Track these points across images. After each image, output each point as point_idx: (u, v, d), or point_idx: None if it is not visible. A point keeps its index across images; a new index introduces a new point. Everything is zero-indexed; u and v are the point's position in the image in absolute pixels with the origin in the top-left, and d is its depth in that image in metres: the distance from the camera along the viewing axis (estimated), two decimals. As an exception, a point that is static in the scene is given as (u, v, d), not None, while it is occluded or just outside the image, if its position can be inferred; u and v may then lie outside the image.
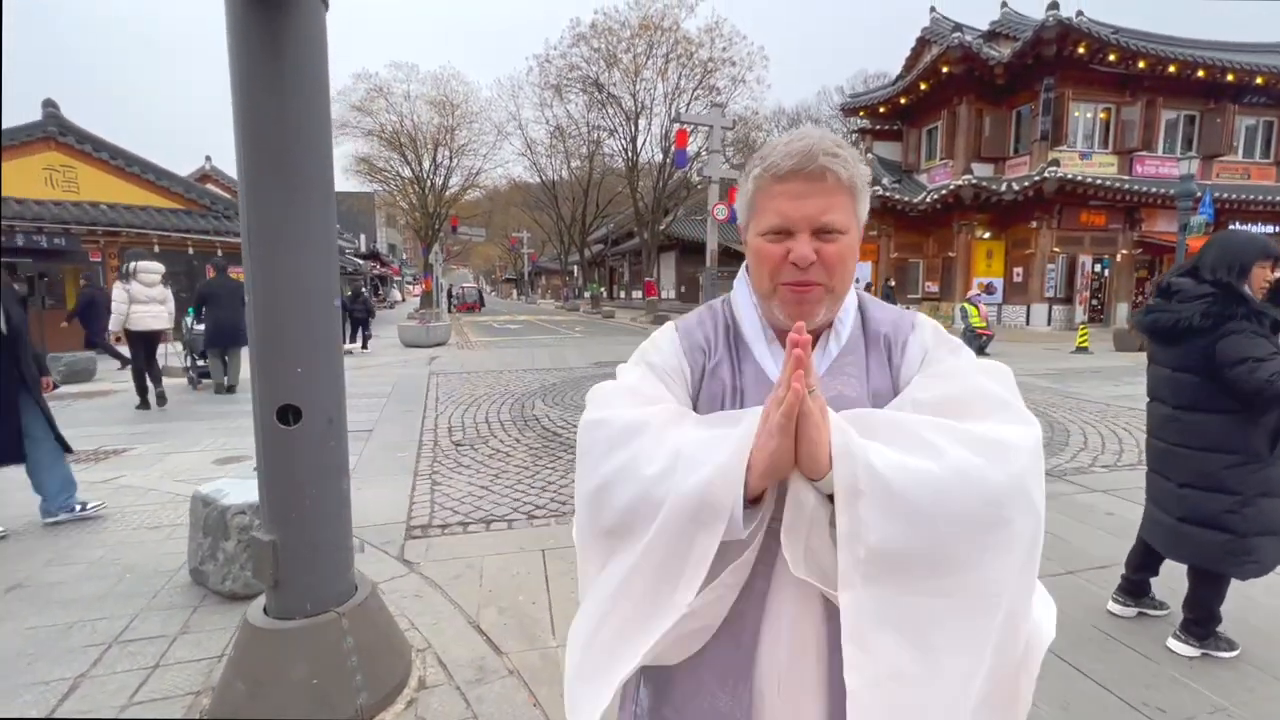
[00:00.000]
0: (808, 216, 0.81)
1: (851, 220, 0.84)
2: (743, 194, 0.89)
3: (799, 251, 0.81)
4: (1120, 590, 2.66)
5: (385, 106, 27.74)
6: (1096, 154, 17.71)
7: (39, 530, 3.51)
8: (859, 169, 0.84)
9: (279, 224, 1.90)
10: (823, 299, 0.85)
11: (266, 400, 1.93)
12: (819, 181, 0.81)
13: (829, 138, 0.83)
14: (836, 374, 0.89)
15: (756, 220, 0.86)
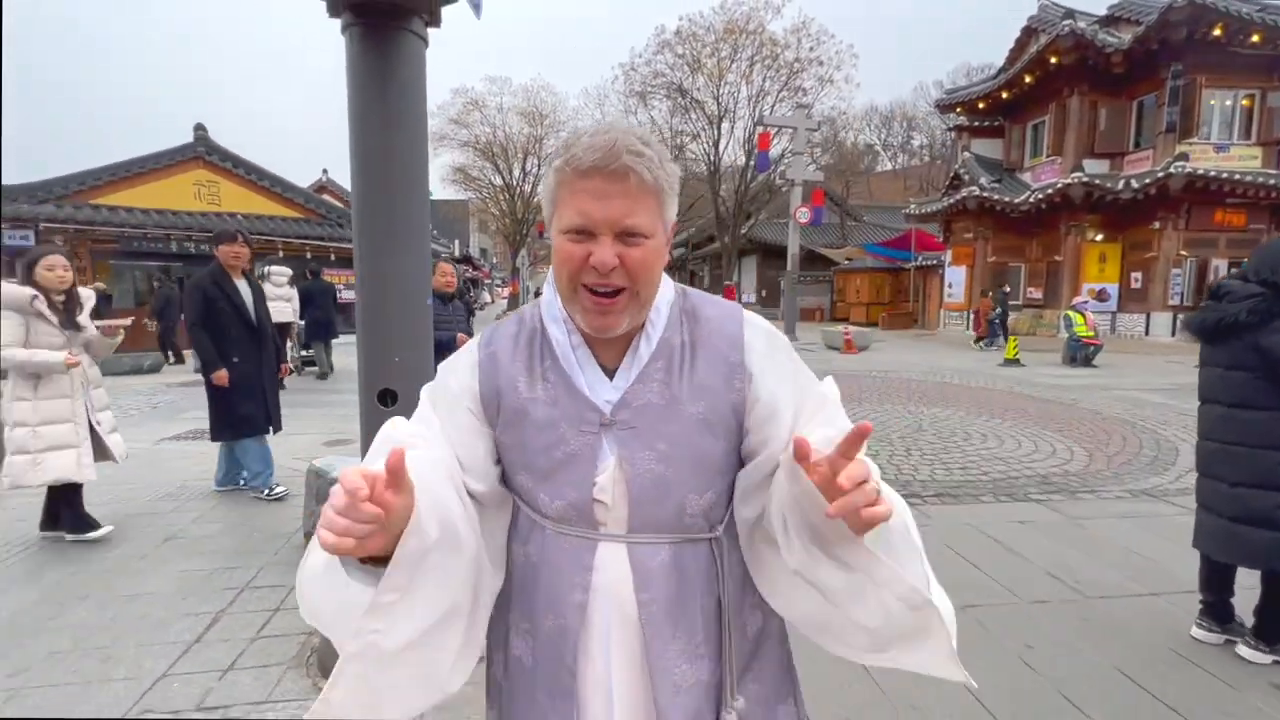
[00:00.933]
0: (610, 219, 0.75)
1: (658, 224, 0.78)
2: (545, 185, 0.82)
3: (600, 256, 0.75)
4: (1203, 615, 2.51)
5: (480, 119, 29.36)
6: (1236, 145, 15.87)
7: (190, 493, 4.13)
8: (666, 169, 0.78)
9: (383, 233, 2.21)
10: (627, 307, 0.79)
11: (369, 384, 2.25)
12: (622, 181, 0.74)
13: (635, 133, 0.77)
14: (644, 380, 0.83)
15: (558, 216, 0.79)
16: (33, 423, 3.17)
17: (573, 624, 0.82)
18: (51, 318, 3.18)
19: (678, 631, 0.82)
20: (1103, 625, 2.60)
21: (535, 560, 0.85)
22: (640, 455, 0.81)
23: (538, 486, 0.84)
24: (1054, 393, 8.63)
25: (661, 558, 0.82)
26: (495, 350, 0.88)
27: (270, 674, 2.22)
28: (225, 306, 3.92)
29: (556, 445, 0.82)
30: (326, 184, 30.83)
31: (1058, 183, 16.51)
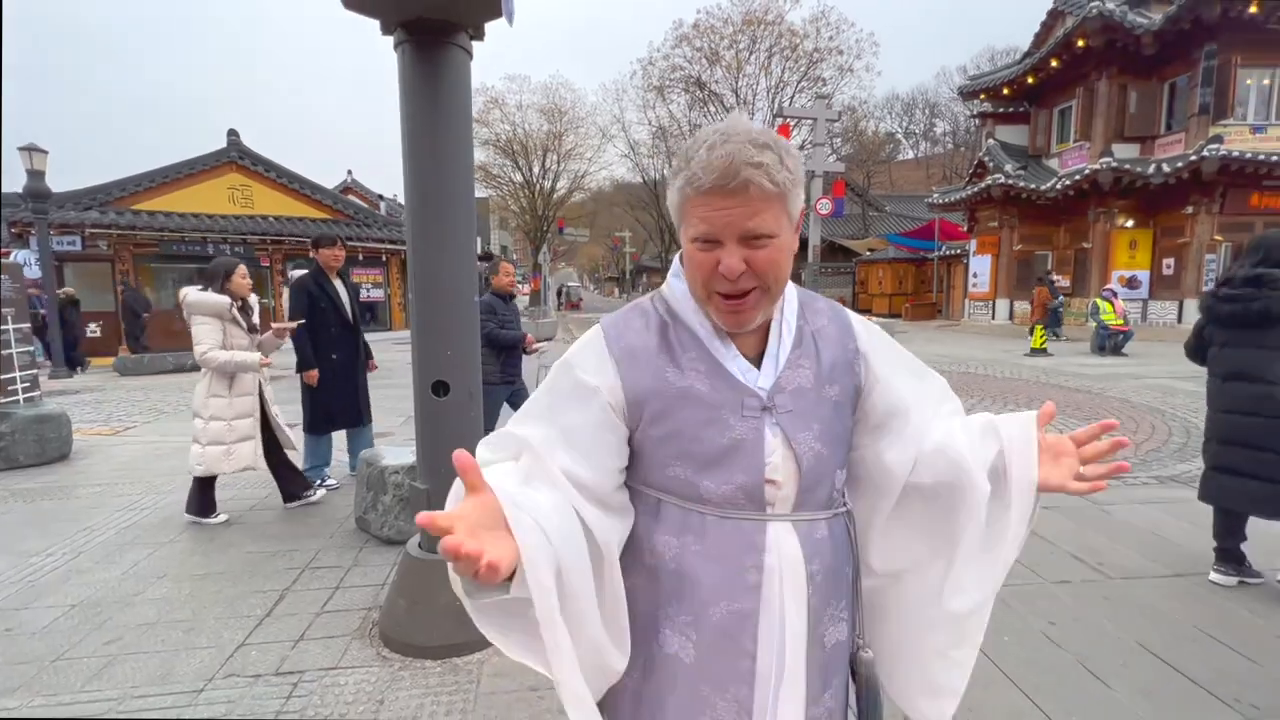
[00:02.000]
0: (732, 224, 0.77)
1: (782, 221, 0.80)
2: (670, 197, 0.85)
3: (727, 263, 0.78)
4: (1220, 560, 2.77)
5: (500, 117, 29.67)
6: (1273, 126, 15.37)
7: (245, 482, 4.38)
8: (788, 167, 0.78)
9: (434, 235, 2.37)
10: (759, 303, 0.83)
11: (423, 376, 2.42)
12: (742, 194, 0.76)
13: (752, 140, 0.76)
14: (794, 366, 0.88)
15: (685, 226, 0.82)
16: (228, 417, 3.52)
17: (749, 606, 0.84)
18: (242, 322, 3.57)
19: (831, 598, 0.89)
20: (1125, 604, 2.67)
21: (695, 550, 0.85)
22: (802, 436, 0.85)
23: (700, 474, 0.84)
24: (1082, 382, 8.56)
25: (822, 531, 0.88)
26: (630, 344, 0.87)
27: (337, 644, 2.41)
28: (326, 305, 4.16)
29: (721, 432, 0.83)
30: (351, 185, 31.41)
31: (1086, 168, 16.18)
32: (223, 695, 2.11)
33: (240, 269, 3.62)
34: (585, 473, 0.80)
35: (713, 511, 0.85)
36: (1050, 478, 0.84)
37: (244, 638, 2.45)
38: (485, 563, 0.57)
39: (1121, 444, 0.82)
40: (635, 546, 0.89)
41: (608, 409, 0.84)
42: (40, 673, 2.23)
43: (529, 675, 2.21)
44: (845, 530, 0.92)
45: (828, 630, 0.88)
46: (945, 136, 54.74)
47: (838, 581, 0.90)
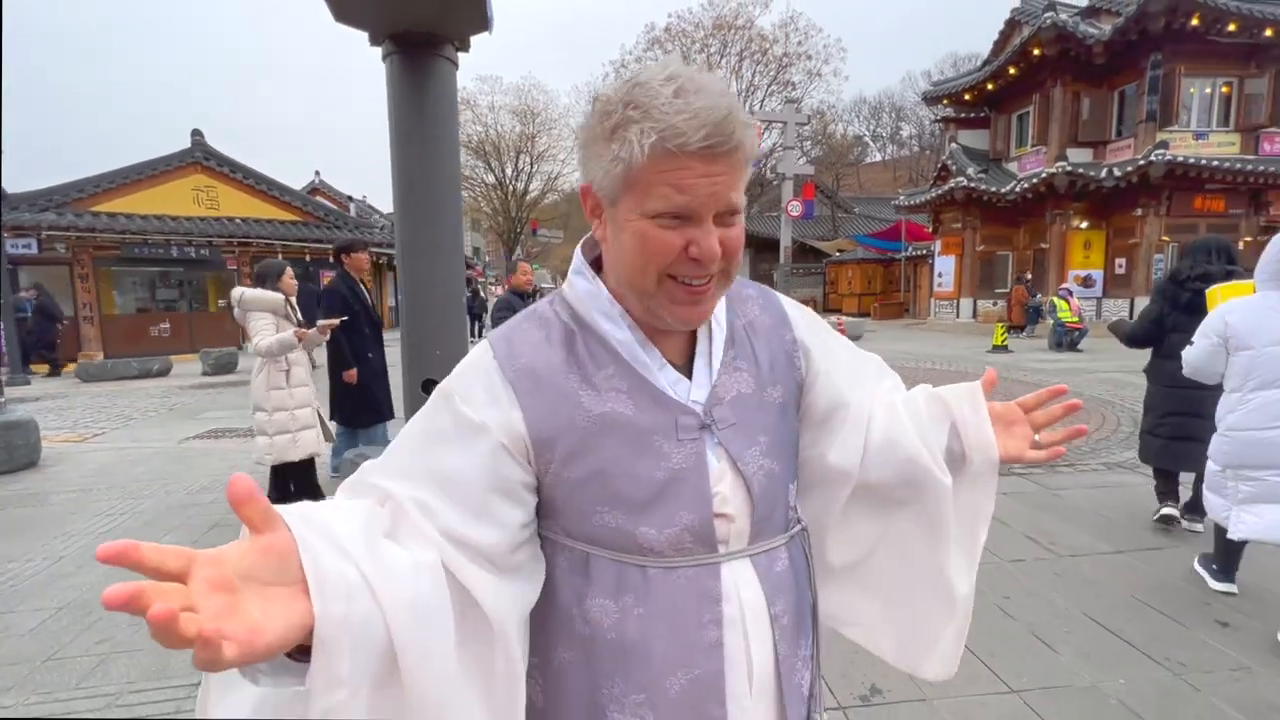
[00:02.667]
0: (718, 195, 0.62)
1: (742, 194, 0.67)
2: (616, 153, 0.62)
3: (707, 244, 0.63)
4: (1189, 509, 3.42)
5: (472, 118, 29.46)
6: (1214, 133, 16.24)
7: (224, 485, 4.37)
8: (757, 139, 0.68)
9: (423, 237, 2.47)
10: (716, 291, 0.69)
11: (413, 375, 2.51)
12: (731, 158, 0.62)
13: (731, 94, 0.64)
14: (730, 369, 0.74)
15: (640, 195, 0.63)
16: (290, 406, 3.69)
17: (711, 669, 0.69)
18: (293, 317, 3.78)
19: (799, 639, 0.76)
20: (1071, 578, 2.89)
21: (639, 614, 0.69)
22: (749, 454, 0.72)
23: (636, 519, 0.68)
24: (1040, 377, 8.96)
25: (782, 562, 0.75)
26: (530, 364, 0.69)
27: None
28: (358, 308, 4.29)
29: (656, 464, 0.68)
30: (320, 185, 30.85)
31: (1042, 172, 16.85)
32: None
33: (288, 270, 3.84)
34: (472, 532, 0.62)
35: (655, 563, 0.69)
36: (1008, 449, 0.79)
37: (237, 633, 2.49)
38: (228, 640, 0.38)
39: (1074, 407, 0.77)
40: (562, 614, 0.71)
41: (501, 451, 0.66)
42: (33, 672, 2.26)
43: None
44: (803, 552, 0.80)
45: (800, 676, 0.76)
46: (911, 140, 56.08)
47: (802, 618, 0.78)
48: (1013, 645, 2.38)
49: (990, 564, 3.05)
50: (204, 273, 15.08)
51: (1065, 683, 2.15)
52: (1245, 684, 2.13)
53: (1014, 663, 2.26)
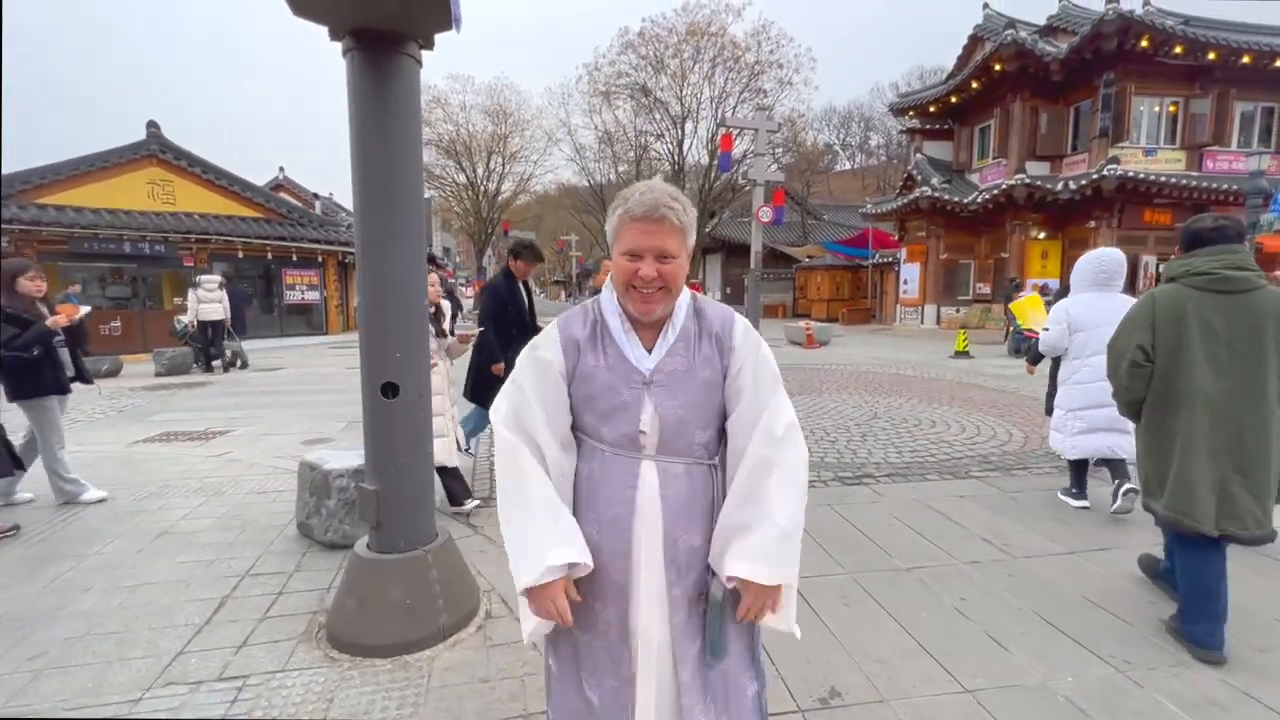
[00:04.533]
0: (651, 247, 1.20)
1: (682, 248, 1.23)
2: (609, 223, 1.25)
3: (645, 272, 1.20)
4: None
5: (443, 116, 29.11)
6: (1162, 150, 17.00)
7: (174, 492, 4.20)
8: (689, 214, 1.22)
9: (383, 238, 2.41)
10: (662, 299, 1.24)
11: (372, 378, 2.44)
12: (660, 223, 1.19)
13: (669, 191, 1.20)
14: (671, 354, 1.27)
15: (619, 243, 1.23)
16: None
17: (625, 511, 1.27)
18: (431, 327, 3.53)
19: (682, 516, 1.28)
20: (1025, 579, 2.97)
21: (598, 474, 1.29)
22: (667, 404, 1.26)
23: (600, 423, 1.27)
24: (998, 381, 9.22)
25: (677, 470, 1.29)
26: (573, 334, 1.30)
27: (282, 648, 2.40)
28: (513, 309, 4.46)
29: (614, 396, 1.25)
30: (284, 182, 30.01)
31: (1003, 184, 17.40)
32: (162, 703, 2.07)
33: (432, 275, 3.69)
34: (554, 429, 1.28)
35: (608, 449, 1.28)
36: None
37: (182, 646, 2.40)
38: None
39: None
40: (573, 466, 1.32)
41: (559, 378, 1.28)
42: (-43, 691, 2.13)
43: (479, 668, 2.28)
44: (706, 477, 1.31)
45: (679, 536, 1.28)
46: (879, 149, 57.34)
47: (690, 506, 1.29)
48: (968, 646, 2.43)
49: (948, 566, 3.12)
50: (158, 270, 14.52)
51: (1017, 681, 2.21)
52: (1184, 679, 2.21)
53: (969, 663, 2.31)
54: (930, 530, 3.55)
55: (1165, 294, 2.45)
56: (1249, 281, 2.33)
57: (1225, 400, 2.32)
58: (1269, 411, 2.29)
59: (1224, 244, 2.41)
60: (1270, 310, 2.30)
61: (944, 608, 2.72)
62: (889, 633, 2.54)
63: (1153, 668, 2.28)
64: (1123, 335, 2.53)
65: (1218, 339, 2.33)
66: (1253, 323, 2.30)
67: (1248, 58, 15.92)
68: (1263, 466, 2.29)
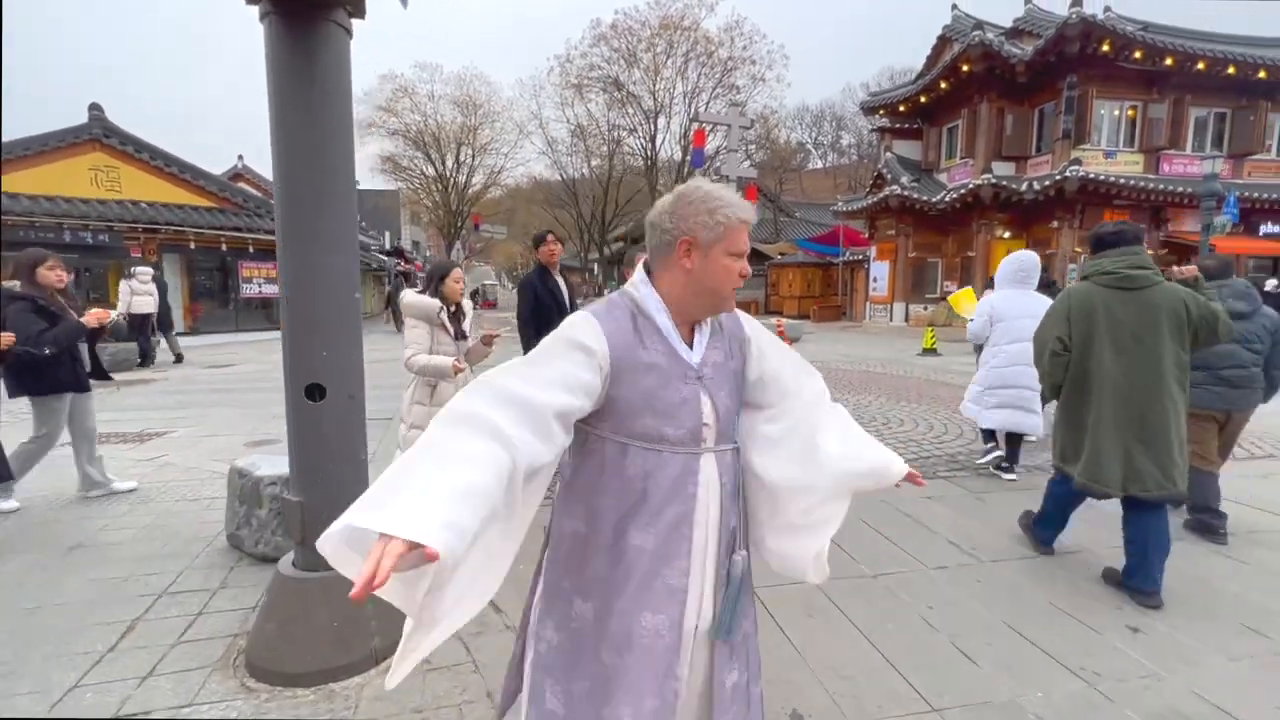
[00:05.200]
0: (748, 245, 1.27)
1: None
2: (711, 224, 1.19)
3: (747, 270, 1.26)
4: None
5: (410, 106, 28.41)
6: (1121, 153, 17.44)
7: (93, 501, 3.88)
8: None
9: (308, 225, 2.18)
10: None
11: (296, 378, 2.22)
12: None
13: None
14: (711, 348, 1.30)
15: (725, 244, 1.21)
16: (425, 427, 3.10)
17: (687, 509, 1.24)
18: (450, 328, 3.24)
19: (732, 501, 1.30)
20: (993, 584, 2.89)
21: (654, 476, 1.22)
22: (719, 394, 1.27)
23: (663, 422, 1.22)
24: (965, 379, 9.24)
25: (728, 458, 1.30)
26: (615, 328, 1.22)
27: (193, 678, 2.16)
28: (549, 303, 4.04)
29: (675, 392, 1.23)
30: (243, 171, 29.00)
31: (970, 183, 17.66)
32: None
33: (454, 272, 3.31)
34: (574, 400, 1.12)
35: (666, 449, 1.22)
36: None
37: (77, 679, 2.14)
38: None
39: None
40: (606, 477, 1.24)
41: (596, 369, 1.17)
42: None
43: (413, 697, 2.08)
44: (736, 456, 1.34)
45: (730, 520, 1.30)
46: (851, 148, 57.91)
47: (735, 489, 1.32)
48: (935, 659, 2.32)
49: (915, 572, 3.02)
50: (104, 260, 13.78)
51: (985, 698, 2.10)
52: (1154, 692, 2.13)
53: (936, 679, 2.19)
54: (898, 534, 3.45)
55: (1079, 291, 2.81)
56: (1147, 279, 2.67)
57: (1129, 382, 2.68)
58: (1166, 391, 2.64)
59: (1124, 246, 2.76)
60: (1165, 304, 2.64)
61: (912, 617, 2.62)
62: (855, 646, 2.41)
63: (1122, 679, 2.20)
64: (1045, 328, 2.89)
65: (1122, 329, 2.68)
66: (1151, 315, 2.65)
67: (1202, 64, 16.40)
68: (1162, 437, 2.64)
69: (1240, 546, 3.29)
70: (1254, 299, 3.39)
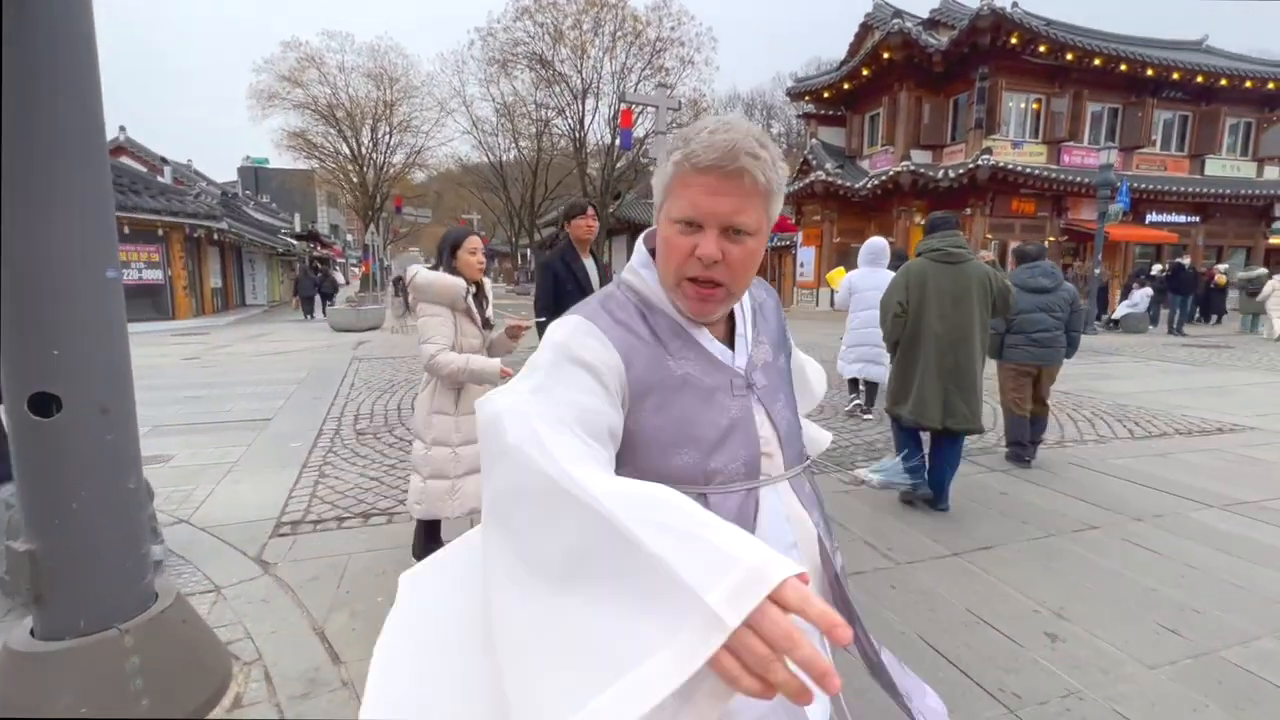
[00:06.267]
0: (718, 214, 0.80)
1: (763, 221, 0.83)
2: (661, 173, 0.85)
3: (705, 249, 0.80)
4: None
5: (318, 78, 26.35)
6: (1027, 143, 18.28)
7: None
8: (778, 171, 0.82)
9: (27, 181, 1.60)
10: (723, 301, 0.87)
11: (15, 388, 1.65)
12: (736, 180, 0.78)
13: (754, 134, 0.80)
14: (758, 344, 0.97)
15: (669, 205, 0.84)
16: (454, 443, 2.61)
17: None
18: (476, 314, 2.62)
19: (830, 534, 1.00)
20: (909, 591, 2.66)
21: None
22: (777, 406, 0.95)
23: (709, 456, 0.87)
24: (885, 363, 9.35)
25: (806, 486, 0.99)
26: (626, 335, 0.86)
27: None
28: (572, 288, 3.34)
29: (721, 413, 0.89)
30: (126, 144, 26.23)
31: (890, 170, 18.06)
32: None
33: (473, 240, 2.64)
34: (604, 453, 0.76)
35: (712, 491, 0.87)
36: None
37: None
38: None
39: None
40: None
41: (611, 393, 0.82)
42: None
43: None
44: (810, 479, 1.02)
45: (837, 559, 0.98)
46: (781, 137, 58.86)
47: (829, 520, 1.03)
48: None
49: (828, 580, 2.75)
50: None
51: (899, 738, 1.82)
52: (1075, 715, 1.92)
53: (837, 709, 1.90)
54: (812, 535, 3.19)
55: (915, 265, 3.45)
56: (962, 256, 3.36)
57: (949, 338, 3.31)
58: (974, 345, 3.32)
59: (947, 229, 3.45)
60: (975, 276, 3.34)
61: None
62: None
63: (1043, 701, 1.98)
64: (889, 294, 3.48)
65: (944, 296, 3.32)
66: (965, 284, 3.32)
67: (1099, 60, 17.35)
68: (971, 383, 3.33)
69: (1150, 534, 3.23)
70: (1057, 277, 4.28)
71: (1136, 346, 11.78)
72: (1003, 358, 4.37)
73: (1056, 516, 3.44)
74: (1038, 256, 4.42)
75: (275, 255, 27.44)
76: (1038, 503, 3.66)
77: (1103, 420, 5.64)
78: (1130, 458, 4.53)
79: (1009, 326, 4.24)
